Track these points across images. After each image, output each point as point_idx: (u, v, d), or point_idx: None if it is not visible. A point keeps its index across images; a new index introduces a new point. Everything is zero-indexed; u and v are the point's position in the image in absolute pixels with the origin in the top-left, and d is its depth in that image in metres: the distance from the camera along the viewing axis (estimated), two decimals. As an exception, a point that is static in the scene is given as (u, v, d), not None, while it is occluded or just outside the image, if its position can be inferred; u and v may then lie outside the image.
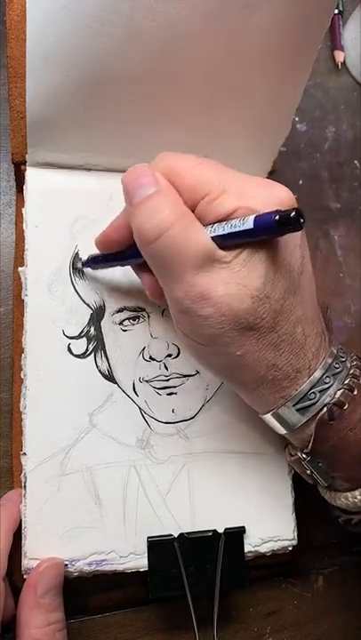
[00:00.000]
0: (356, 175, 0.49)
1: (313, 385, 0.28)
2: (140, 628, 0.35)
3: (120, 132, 0.35)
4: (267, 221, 0.24)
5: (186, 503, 0.34)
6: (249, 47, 0.33)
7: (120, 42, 0.31)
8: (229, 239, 0.26)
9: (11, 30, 0.32)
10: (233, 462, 0.35)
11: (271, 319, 0.27)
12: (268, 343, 0.27)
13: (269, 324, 0.27)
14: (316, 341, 0.29)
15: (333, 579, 0.39)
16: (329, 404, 0.28)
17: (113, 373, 0.35)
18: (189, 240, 0.25)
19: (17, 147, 0.35)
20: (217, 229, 0.26)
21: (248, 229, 0.25)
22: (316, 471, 0.30)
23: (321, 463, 0.30)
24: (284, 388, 0.28)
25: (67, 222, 0.36)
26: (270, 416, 0.30)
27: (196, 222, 0.26)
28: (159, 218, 0.25)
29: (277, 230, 0.24)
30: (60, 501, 0.32)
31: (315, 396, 0.28)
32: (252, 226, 0.25)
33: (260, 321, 0.26)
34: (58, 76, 0.32)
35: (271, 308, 0.26)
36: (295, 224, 0.23)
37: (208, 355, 0.29)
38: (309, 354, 0.28)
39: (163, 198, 0.26)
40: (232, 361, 0.28)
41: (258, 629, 0.37)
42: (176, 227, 0.25)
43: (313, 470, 0.30)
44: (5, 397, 0.36)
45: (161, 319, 0.36)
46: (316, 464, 0.30)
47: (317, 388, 0.28)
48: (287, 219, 0.23)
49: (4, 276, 0.38)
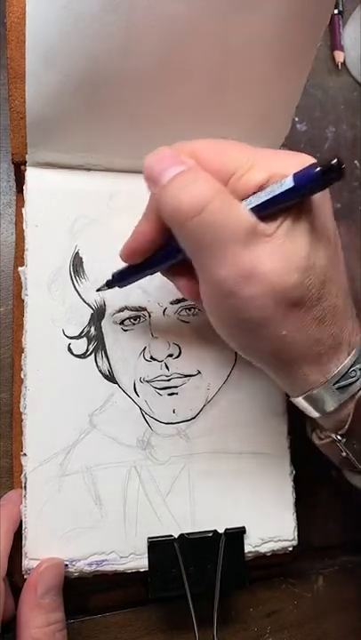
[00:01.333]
0: (357, 175, 0.49)
1: (354, 361, 0.27)
2: (140, 628, 0.35)
3: (120, 131, 0.35)
4: (308, 175, 0.24)
5: (186, 503, 0.34)
6: (248, 46, 0.33)
7: (120, 42, 0.31)
8: (269, 207, 0.25)
9: (11, 31, 0.32)
10: (233, 463, 0.35)
11: (317, 291, 0.26)
12: (313, 317, 0.26)
13: (316, 297, 0.26)
14: (353, 313, 0.28)
15: (333, 579, 0.39)
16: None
17: (113, 373, 0.35)
18: (230, 215, 0.24)
19: (17, 147, 0.35)
20: (253, 201, 0.25)
21: (289, 189, 0.24)
22: (353, 453, 0.29)
23: (357, 444, 0.29)
24: (325, 364, 0.27)
25: (67, 222, 0.36)
26: (302, 399, 0.28)
27: (233, 198, 0.25)
28: (196, 192, 0.24)
29: (321, 182, 0.24)
30: (60, 502, 0.32)
31: (355, 374, 0.27)
32: (292, 184, 0.24)
33: (308, 293, 0.25)
34: (58, 76, 0.32)
35: (317, 278, 0.26)
36: (338, 171, 0.23)
37: (249, 340, 0.27)
38: (350, 326, 0.27)
39: (195, 174, 0.25)
40: (275, 342, 0.26)
41: (258, 629, 0.37)
42: (215, 201, 0.24)
43: (349, 452, 0.29)
44: (5, 397, 0.36)
45: (162, 319, 0.36)
46: (352, 446, 0.29)
47: (358, 365, 0.27)
48: (330, 167, 0.23)
49: (4, 276, 0.38)
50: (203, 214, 0.24)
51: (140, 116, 0.35)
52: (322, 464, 0.39)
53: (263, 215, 0.25)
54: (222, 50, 0.33)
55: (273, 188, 0.25)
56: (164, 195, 0.25)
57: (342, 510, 0.41)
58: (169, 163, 0.26)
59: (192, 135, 0.36)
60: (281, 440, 0.36)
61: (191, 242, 0.26)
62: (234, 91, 0.35)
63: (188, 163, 0.26)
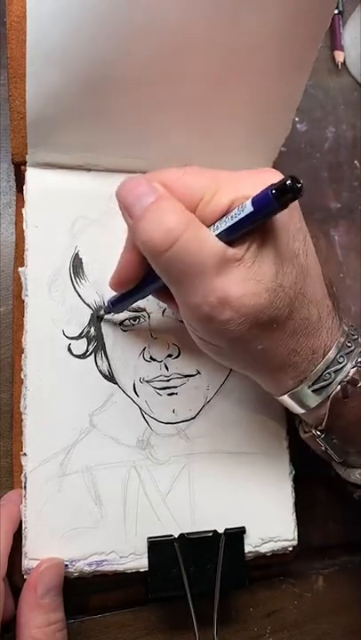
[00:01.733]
0: (357, 175, 0.49)
1: (328, 365, 0.28)
2: (140, 628, 0.35)
3: (120, 132, 0.35)
4: (264, 199, 0.24)
5: (186, 503, 0.34)
6: (249, 48, 0.33)
7: (120, 42, 0.31)
8: (235, 231, 0.25)
9: (11, 31, 0.32)
10: (233, 462, 0.35)
11: (287, 307, 0.27)
12: (287, 331, 0.27)
13: (286, 313, 0.27)
14: (328, 320, 0.29)
15: (333, 579, 0.39)
16: (343, 382, 0.28)
17: (113, 374, 0.35)
18: (202, 245, 0.25)
19: (17, 147, 0.35)
20: (220, 226, 0.26)
21: (249, 213, 0.24)
22: (331, 447, 0.31)
23: (335, 439, 0.30)
24: (303, 370, 0.28)
25: (67, 222, 0.36)
26: (287, 397, 0.30)
27: (203, 226, 0.26)
28: (167, 226, 0.25)
29: (278, 204, 0.24)
30: (60, 502, 0.32)
31: (330, 377, 0.28)
32: (251, 209, 0.24)
33: (278, 312, 0.26)
34: (58, 76, 0.32)
35: (286, 296, 0.26)
36: (293, 191, 0.23)
37: (230, 355, 0.29)
38: (324, 334, 0.28)
39: (166, 204, 0.26)
40: (254, 355, 0.28)
41: (258, 629, 0.37)
42: (187, 233, 0.25)
43: (327, 447, 0.31)
44: (5, 397, 0.36)
45: (161, 319, 0.36)
46: (331, 440, 0.30)
47: (332, 368, 0.28)
48: (283, 188, 0.23)
49: (4, 276, 0.38)
50: (174, 247, 0.25)
51: (140, 116, 0.35)
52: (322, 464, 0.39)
53: (232, 239, 0.26)
54: (223, 51, 0.33)
55: (235, 213, 0.25)
56: (136, 229, 0.26)
57: (342, 510, 0.41)
58: (140, 192, 0.26)
59: (192, 135, 0.36)
60: (280, 440, 0.37)
61: (165, 273, 0.27)
62: (234, 92, 0.35)
63: (159, 191, 0.26)
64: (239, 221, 0.25)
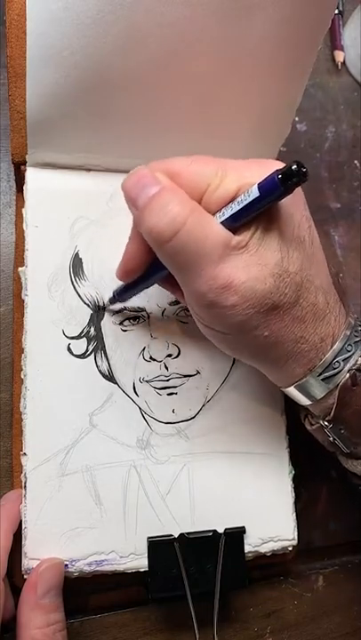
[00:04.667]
0: (357, 175, 0.49)
1: (337, 353, 0.29)
2: (140, 628, 0.35)
3: (120, 132, 0.35)
4: (270, 184, 0.24)
5: (186, 503, 0.34)
6: (249, 49, 0.33)
7: (120, 42, 0.31)
8: (241, 218, 0.26)
9: (11, 30, 0.32)
10: (233, 462, 0.35)
11: (293, 293, 0.27)
12: (294, 317, 0.27)
13: (293, 299, 0.27)
14: (335, 308, 0.29)
15: (333, 579, 0.39)
16: (352, 370, 0.28)
17: (113, 373, 0.35)
18: (205, 232, 0.25)
19: (17, 147, 0.35)
20: (226, 212, 0.26)
21: (255, 198, 0.25)
22: (339, 438, 0.31)
23: (343, 430, 0.30)
24: (311, 359, 0.29)
25: (67, 222, 0.36)
26: (293, 389, 0.30)
27: (207, 214, 0.26)
28: (171, 215, 0.25)
29: (283, 188, 0.24)
30: (60, 501, 0.32)
31: (339, 365, 0.29)
32: (257, 193, 0.25)
33: (284, 297, 0.27)
34: (58, 76, 0.32)
35: (292, 281, 0.27)
36: (299, 175, 0.24)
37: (236, 342, 0.29)
38: (332, 321, 0.29)
39: (170, 195, 0.26)
40: (260, 343, 0.28)
41: (258, 629, 0.37)
42: (190, 221, 0.25)
43: (335, 437, 0.31)
44: (5, 397, 0.36)
45: (161, 319, 0.36)
46: (339, 431, 0.30)
47: (341, 357, 0.29)
48: (289, 172, 0.24)
49: (4, 276, 0.38)
50: (178, 236, 0.25)
51: (140, 117, 0.35)
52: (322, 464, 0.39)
53: (237, 226, 0.26)
54: (223, 52, 0.33)
55: (242, 198, 0.26)
56: (140, 218, 0.27)
57: (342, 510, 0.41)
58: (144, 183, 0.27)
59: (193, 136, 0.36)
60: (280, 440, 0.36)
61: (170, 261, 0.27)
62: (234, 92, 0.35)
63: (163, 182, 0.27)
64: (245, 207, 0.25)
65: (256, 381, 0.37)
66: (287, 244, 0.27)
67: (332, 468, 0.41)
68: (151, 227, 0.26)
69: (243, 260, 0.26)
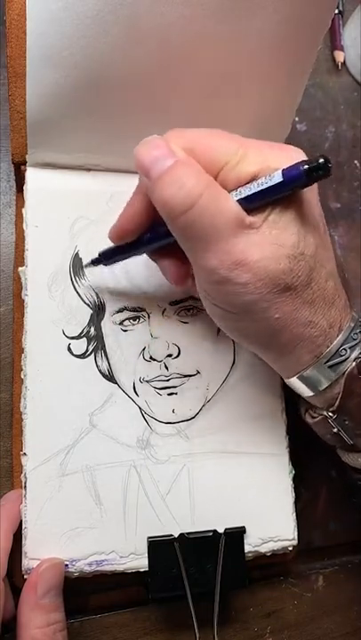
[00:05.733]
0: (357, 175, 0.49)
1: (343, 341, 0.29)
2: (140, 628, 0.35)
3: (120, 132, 0.35)
4: (295, 172, 0.25)
5: (186, 503, 0.34)
6: (249, 49, 0.33)
7: (121, 42, 0.31)
8: (257, 200, 0.26)
9: (11, 30, 0.32)
10: (233, 462, 0.35)
11: (306, 276, 0.27)
12: (304, 301, 0.27)
13: (305, 282, 0.27)
14: (342, 296, 0.29)
15: (333, 579, 0.39)
16: (358, 359, 0.28)
17: (113, 373, 0.35)
18: (220, 208, 0.25)
19: (17, 147, 0.35)
20: (242, 192, 0.26)
21: (277, 183, 0.25)
22: (343, 428, 0.30)
23: (347, 420, 0.30)
24: (319, 345, 0.28)
25: (67, 222, 0.36)
26: (297, 379, 0.30)
27: (223, 190, 0.26)
28: (186, 189, 0.25)
29: (307, 179, 0.25)
30: (60, 501, 0.32)
31: (345, 352, 0.29)
32: (281, 179, 0.25)
33: (297, 279, 0.27)
34: (58, 76, 0.32)
35: (307, 264, 0.27)
36: (325, 169, 0.24)
37: (244, 324, 0.29)
38: (340, 306, 0.29)
39: (185, 169, 0.26)
40: (270, 325, 0.28)
41: (258, 629, 0.37)
42: (205, 196, 0.25)
43: (340, 428, 0.30)
44: (5, 397, 0.36)
45: (161, 319, 0.36)
46: (343, 421, 0.30)
47: (348, 345, 0.29)
48: (316, 165, 0.24)
49: (4, 276, 0.38)
50: (193, 209, 0.25)
51: (141, 117, 0.35)
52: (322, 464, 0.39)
53: (251, 207, 0.26)
54: (223, 52, 0.33)
55: (262, 181, 0.26)
56: (153, 189, 0.26)
57: (342, 510, 0.41)
58: (158, 154, 0.26)
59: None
60: (280, 440, 0.36)
61: (183, 234, 0.27)
62: (235, 93, 0.35)
63: (179, 154, 0.26)
64: (265, 189, 0.26)
65: (256, 381, 0.37)
66: (305, 228, 0.27)
67: (332, 467, 0.41)
68: (165, 199, 0.26)
69: (256, 239, 0.26)
